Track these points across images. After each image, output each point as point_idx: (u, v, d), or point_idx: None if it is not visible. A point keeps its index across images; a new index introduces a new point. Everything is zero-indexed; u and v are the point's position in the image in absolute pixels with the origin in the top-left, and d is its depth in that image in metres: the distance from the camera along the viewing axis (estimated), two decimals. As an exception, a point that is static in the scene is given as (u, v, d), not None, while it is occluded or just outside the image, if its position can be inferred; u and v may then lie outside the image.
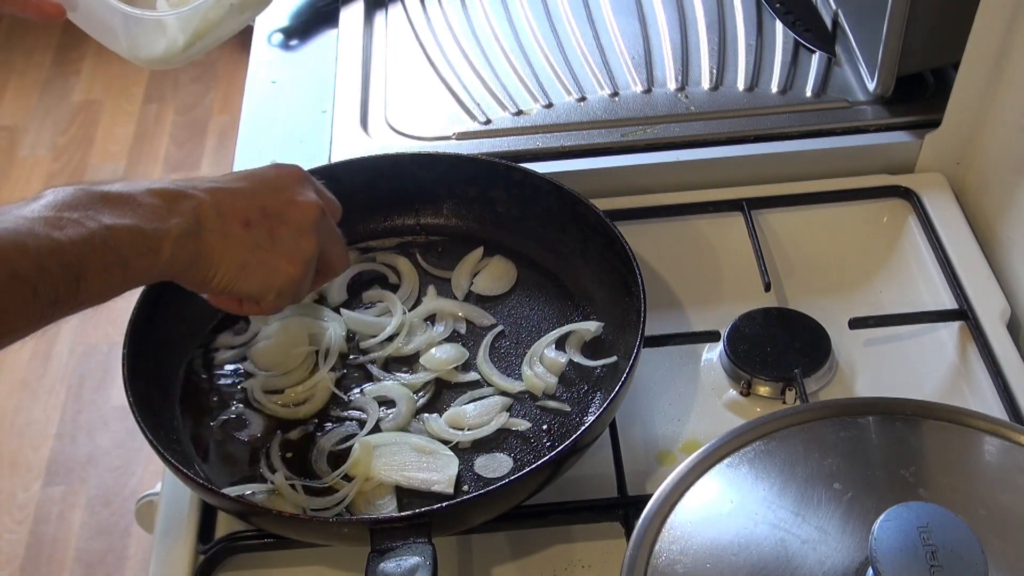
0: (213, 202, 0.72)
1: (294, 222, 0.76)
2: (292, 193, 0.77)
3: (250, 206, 0.74)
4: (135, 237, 0.67)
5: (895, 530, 0.57)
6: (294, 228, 0.76)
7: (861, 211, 1.03)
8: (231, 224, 0.73)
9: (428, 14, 1.24)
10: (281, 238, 0.75)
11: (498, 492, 0.75)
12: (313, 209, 0.77)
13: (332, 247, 0.81)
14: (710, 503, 0.66)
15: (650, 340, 0.87)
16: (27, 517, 1.99)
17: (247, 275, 0.74)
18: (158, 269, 0.69)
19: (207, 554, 0.81)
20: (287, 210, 0.76)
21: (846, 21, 1.12)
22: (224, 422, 0.87)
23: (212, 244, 0.72)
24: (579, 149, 1.06)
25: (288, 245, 0.75)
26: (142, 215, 0.68)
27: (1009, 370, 0.88)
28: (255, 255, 0.74)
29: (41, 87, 2.91)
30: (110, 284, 0.67)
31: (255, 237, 0.74)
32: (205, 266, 0.72)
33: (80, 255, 0.64)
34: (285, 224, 0.75)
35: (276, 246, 0.75)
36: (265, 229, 0.74)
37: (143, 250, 0.68)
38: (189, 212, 0.71)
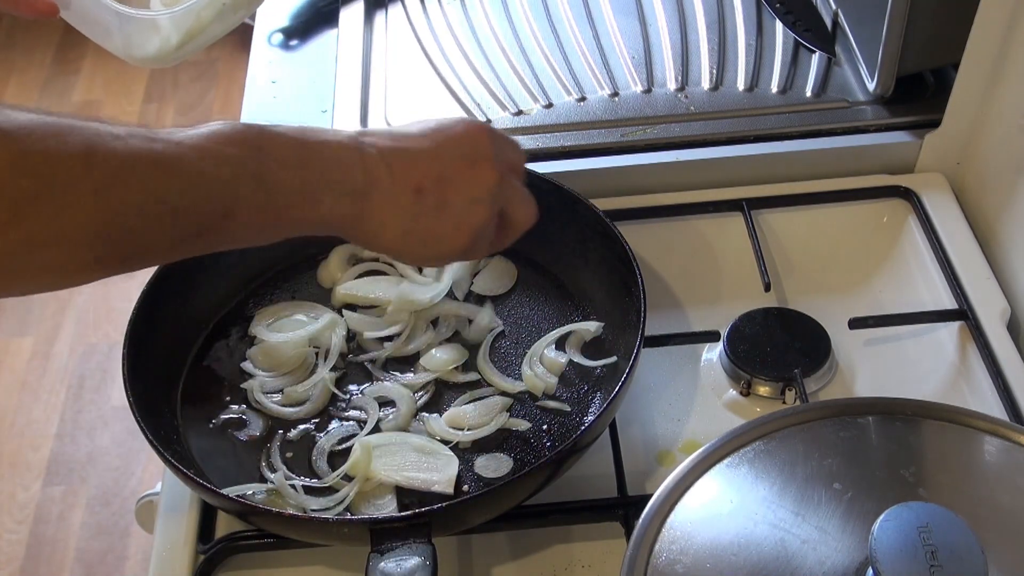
0: (387, 164, 0.69)
1: (469, 191, 0.72)
2: (474, 157, 0.72)
3: (427, 171, 0.71)
4: (293, 184, 0.65)
5: (895, 530, 0.57)
6: (467, 197, 0.72)
7: (861, 211, 1.03)
8: (402, 189, 0.69)
9: (428, 14, 1.24)
10: (452, 205, 0.71)
11: (498, 492, 0.75)
12: (491, 176, 0.72)
13: (514, 207, 0.76)
14: (710, 503, 0.66)
15: (650, 340, 0.87)
16: (27, 517, 1.99)
17: (410, 242, 0.71)
18: (313, 220, 0.67)
19: (207, 554, 0.81)
20: (463, 177, 0.72)
21: (846, 21, 1.12)
22: (224, 422, 0.88)
23: (378, 207, 0.69)
24: (579, 149, 1.06)
25: (458, 212, 0.72)
26: (307, 164, 0.66)
27: (1009, 370, 0.88)
28: (421, 223, 0.71)
29: (41, 87, 2.91)
30: (262, 227, 0.65)
31: (425, 204, 0.70)
32: (366, 227, 0.70)
33: (230, 192, 0.62)
34: (459, 192, 0.71)
35: (445, 214, 0.71)
36: (436, 196, 0.71)
37: (298, 199, 0.66)
38: (360, 172, 0.68)
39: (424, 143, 0.72)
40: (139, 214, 0.60)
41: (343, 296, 0.95)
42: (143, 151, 0.60)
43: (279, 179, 0.65)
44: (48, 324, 2.31)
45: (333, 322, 0.93)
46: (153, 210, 0.60)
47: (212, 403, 0.89)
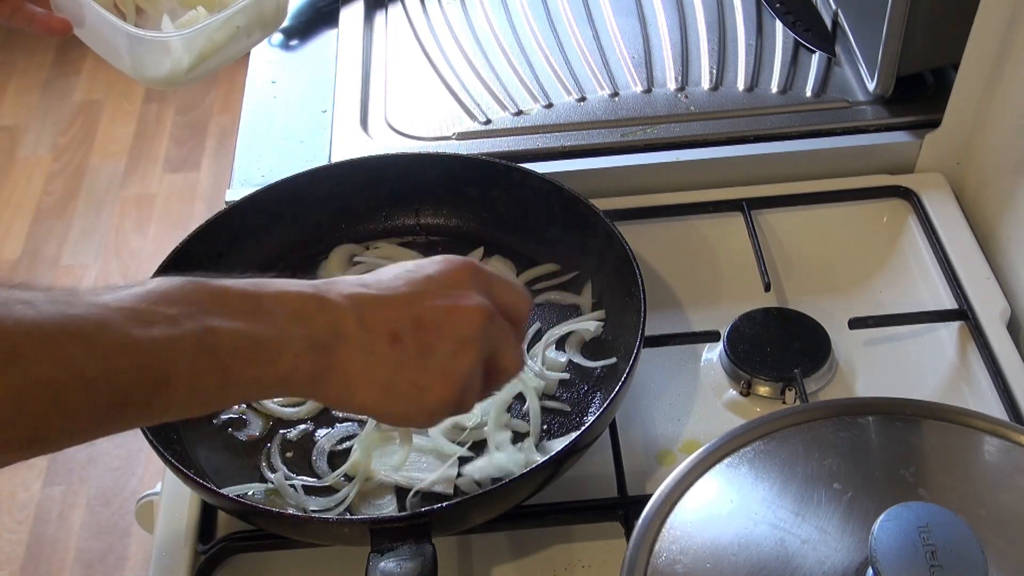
0: (356, 313, 0.61)
1: (452, 335, 0.63)
2: (456, 297, 0.64)
3: (402, 316, 0.63)
4: (242, 343, 0.57)
5: (895, 530, 0.57)
6: (451, 341, 0.63)
7: (861, 211, 1.03)
8: (376, 339, 0.61)
9: (428, 14, 1.24)
10: (434, 354, 0.63)
11: (498, 492, 0.75)
12: (477, 316, 0.64)
13: (502, 353, 0.67)
14: (710, 503, 0.66)
15: (650, 340, 0.87)
16: (27, 517, 1.99)
17: (391, 398, 0.63)
18: (270, 382, 0.59)
19: (207, 554, 0.81)
20: (446, 320, 0.63)
21: (846, 21, 1.12)
22: (224, 422, 0.87)
23: (349, 361, 0.61)
24: (579, 149, 1.06)
25: (442, 362, 0.63)
26: (260, 319, 0.58)
27: (1009, 370, 0.88)
28: (400, 375, 0.62)
29: (42, 87, 2.91)
30: (207, 393, 0.57)
31: (403, 354, 0.62)
32: (336, 384, 0.61)
33: (163, 357, 0.54)
34: (441, 338, 0.63)
35: (427, 364, 0.63)
36: (416, 344, 0.63)
37: (251, 359, 0.57)
38: (325, 323, 0.60)
39: (398, 285, 0.64)
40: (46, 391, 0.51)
41: None
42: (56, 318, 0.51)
43: (226, 338, 0.56)
44: (48, 324, 2.31)
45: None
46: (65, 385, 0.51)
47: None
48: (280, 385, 0.60)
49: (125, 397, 0.54)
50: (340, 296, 0.62)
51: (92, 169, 2.68)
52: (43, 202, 2.61)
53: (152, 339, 0.54)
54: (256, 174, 1.07)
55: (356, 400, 0.63)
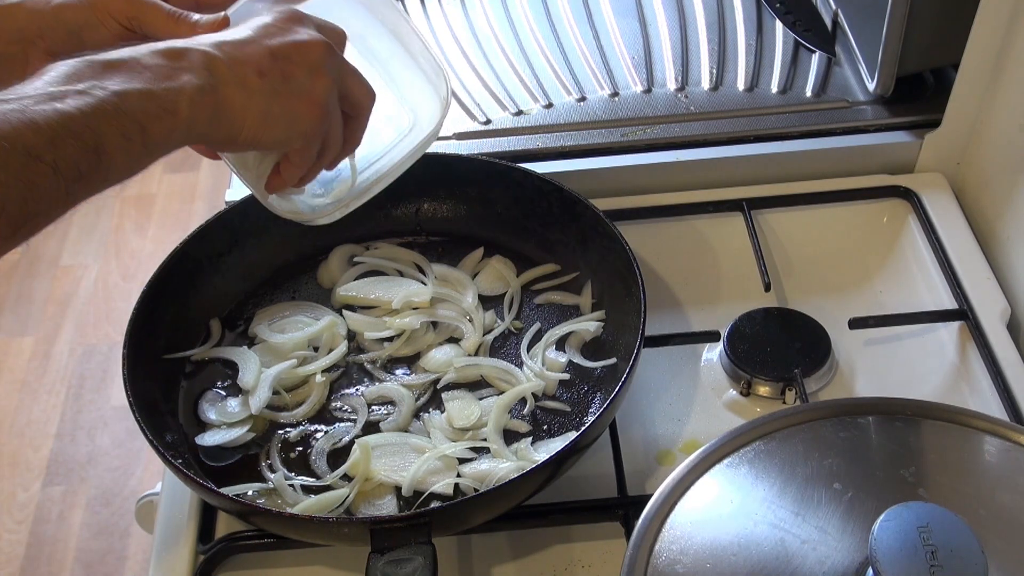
0: (222, 54, 0.69)
1: (304, 63, 0.73)
2: (295, 34, 0.74)
3: (259, 52, 0.71)
4: (147, 100, 0.64)
5: (895, 530, 0.57)
6: (305, 69, 0.73)
7: (861, 211, 1.03)
8: (246, 74, 0.70)
9: (428, 14, 1.24)
10: (295, 79, 0.72)
11: (498, 492, 0.75)
12: (319, 46, 0.74)
13: (350, 82, 0.77)
14: (710, 503, 0.66)
15: (650, 340, 0.87)
16: (27, 517, 1.99)
17: (271, 124, 0.71)
18: (179, 131, 0.67)
19: (207, 554, 0.81)
20: (295, 51, 0.73)
21: (846, 21, 1.12)
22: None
23: (231, 97, 0.69)
24: (579, 149, 1.06)
25: (303, 86, 0.72)
26: (150, 77, 0.65)
27: (1009, 370, 0.88)
28: (276, 102, 0.71)
29: (41, 87, 2.91)
30: (132, 154, 0.64)
31: (271, 84, 0.71)
32: (228, 121, 0.69)
33: (93, 125, 0.61)
34: (296, 65, 0.72)
35: (292, 90, 0.72)
36: (278, 74, 0.71)
37: (159, 112, 0.65)
38: (200, 67, 0.68)
39: (246, 33, 0.72)
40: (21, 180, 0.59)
41: (343, 297, 0.95)
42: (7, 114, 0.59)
43: (134, 99, 0.64)
44: (48, 324, 2.31)
45: (333, 323, 0.93)
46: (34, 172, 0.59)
47: (212, 403, 0.89)
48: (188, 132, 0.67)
49: (78, 172, 0.61)
50: (203, 44, 0.69)
51: (92, 169, 2.68)
52: (43, 202, 2.60)
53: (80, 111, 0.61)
54: (256, 174, 1.07)
55: (243, 134, 0.71)
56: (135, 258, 2.47)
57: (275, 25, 0.74)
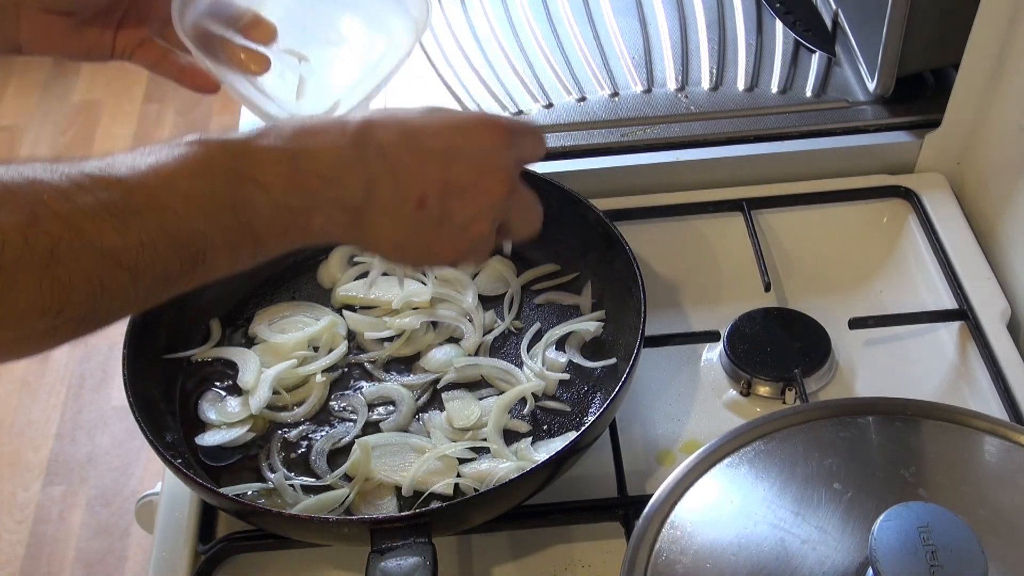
0: (391, 169, 0.61)
1: (473, 205, 0.64)
2: (486, 164, 0.64)
3: (434, 179, 0.62)
4: (279, 212, 0.58)
5: (895, 530, 0.57)
6: (471, 211, 0.64)
7: (861, 211, 1.03)
8: (404, 200, 0.62)
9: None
10: (454, 219, 0.64)
11: (498, 492, 0.75)
12: (501, 188, 0.64)
13: (518, 218, 0.69)
14: (710, 503, 0.66)
15: (650, 340, 0.87)
16: (27, 517, 1.99)
17: (401, 254, 0.65)
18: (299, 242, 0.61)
19: (207, 554, 0.81)
20: (471, 189, 0.64)
21: (846, 21, 1.12)
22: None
23: (375, 222, 0.62)
24: (579, 149, 1.06)
25: (457, 228, 0.64)
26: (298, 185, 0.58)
27: (1009, 370, 0.88)
28: (418, 235, 0.64)
29: (41, 87, 2.91)
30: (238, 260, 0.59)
31: (425, 217, 0.63)
32: (358, 238, 0.63)
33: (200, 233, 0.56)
34: (464, 206, 0.64)
35: (444, 227, 0.64)
36: (440, 208, 0.63)
37: (284, 228, 0.59)
38: (360, 183, 0.60)
39: (437, 143, 0.63)
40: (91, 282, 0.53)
41: (343, 297, 0.95)
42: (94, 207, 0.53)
43: (261, 208, 0.57)
44: (48, 324, 2.31)
45: (333, 323, 0.93)
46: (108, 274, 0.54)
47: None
48: (311, 242, 0.62)
49: (166, 275, 0.56)
50: (378, 151, 0.61)
51: (92, 169, 2.68)
52: (43, 202, 2.60)
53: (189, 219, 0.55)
54: (256, 174, 1.07)
55: (368, 249, 0.65)
56: (135, 258, 2.47)
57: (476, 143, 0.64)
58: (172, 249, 0.55)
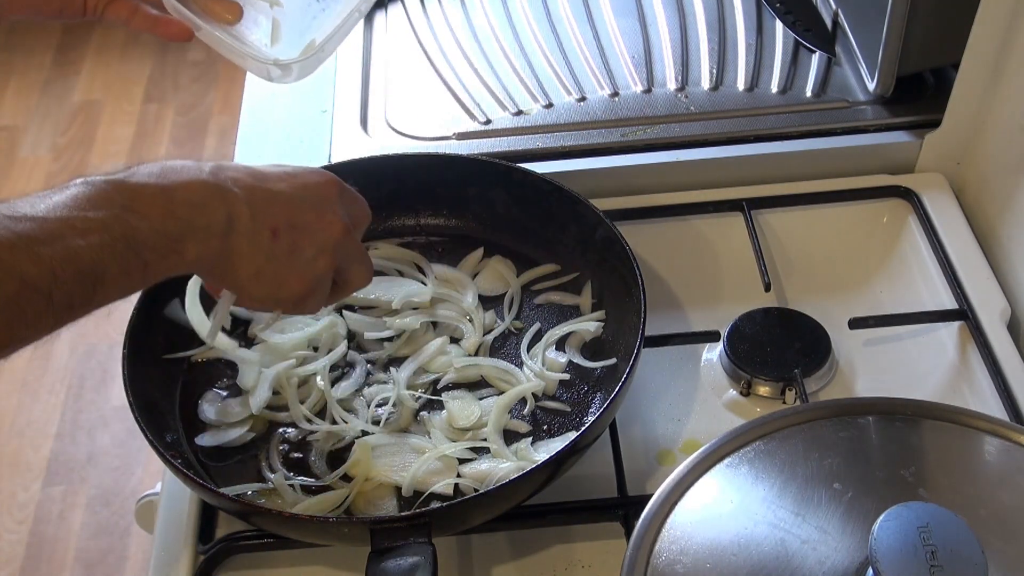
0: (250, 203, 0.70)
1: (316, 240, 0.73)
2: (323, 208, 0.74)
3: (283, 214, 0.72)
4: (161, 239, 0.65)
5: (895, 530, 0.57)
6: (315, 246, 0.73)
7: (861, 211, 1.03)
8: (261, 230, 0.70)
9: (428, 14, 1.24)
10: (299, 252, 0.73)
11: (498, 492, 0.75)
12: (337, 229, 0.74)
13: (353, 266, 0.78)
14: (710, 503, 0.66)
15: (650, 340, 0.87)
16: (27, 517, 1.99)
17: (257, 283, 0.72)
18: (179, 268, 0.67)
19: (207, 554, 0.81)
20: (313, 226, 0.73)
21: (846, 21, 1.12)
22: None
23: (237, 247, 0.69)
24: (579, 149, 1.06)
25: (303, 261, 0.73)
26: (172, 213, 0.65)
27: (1009, 370, 0.88)
28: (270, 265, 0.71)
29: (41, 87, 2.91)
30: (128, 286, 0.65)
31: (278, 247, 0.71)
32: (224, 267, 0.70)
33: (99, 261, 0.61)
34: (308, 240, 0.73)
35: (292, 260, 0.72)
36: (289, 240, 0.72)
37: (167, 252, 0.65)
38: (223, 212, 0.68)
39: (281, 186, 0.73)
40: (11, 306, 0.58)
41: None
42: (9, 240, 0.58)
43: (146, 236, 0.64)
44: (48, 324, 2.31)
45: (333, 323, 0.93)
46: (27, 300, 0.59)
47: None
48: (188, 269, 0.69)
49: (71, 300, 0.61)
50: (236, 186, 0.69)
51: (92, 169, 2.66)
52: (43, 202, 2.60)
53: (90, 246, 0.61)
54: (256, 174, 1.07)
55: (231, 279, 0.72)
56: (135, 258, 2.46)
57: (314, 190, 0.74)
58: (77, 277, 0.60)
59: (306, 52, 0.85)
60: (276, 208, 0.71)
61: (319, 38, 0.85)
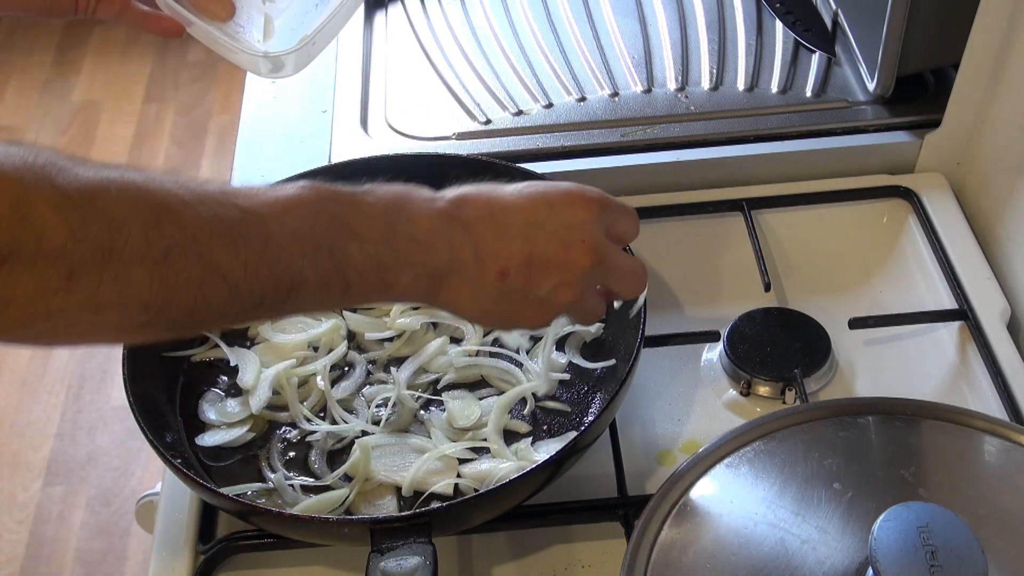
0: (474, 243, 0.65)
1: (557, 277, 0.67)
2: (572, 238, 0.67)
3: (516, 252, 0.66)
4: (371, 265, 0.62)
5: (895, 530, 0.57)
6: (555, 281, 0.67)
7: (861, 211, 1.03)
8: (486, 272, 0.65)
9: (428, 14, 1.24)
10: (536, 289, 0.67)
11: (498, 492, 0.75)
12: (586, 262, 0.68)
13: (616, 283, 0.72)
14: (710, 503, 0.66)
15: (650, 340, 0.87)
16: (27, 517, 1.99)
17: (487, 320, 0.69)
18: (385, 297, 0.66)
19: (207, 554, 0.81)
20: (555, 263, 0.67)
21: (846, 21, 1.12)
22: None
23: (457, 288, 0.65)
24: (579, 149, 1.06)
25: (542, 297, 0.67)
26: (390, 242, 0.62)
27: (1009, 370, 0.88)
28: (500, 305, 0.67)
29: (41, 87, 2.91)
30: (327, 301, 0.63)
31: (507, 288, 0.66)
32: (441, 302, 0.66)
33: (297, 268, 0.60)
34: (547, 277, 0.67)
35: (527, 296, 0.67)
36: (522, 280, 0.66)
37: (373, 280, 0.63)
38: (445, 255, 0.64)
39: (520, 219, 0.66)
40: (195, 288, 0.57)
41: None
42: (211, 222, 0.57)
43: (356, 259, 0.62)
44: (48, 324, 2.31)
45: (335, 325, 0.93)
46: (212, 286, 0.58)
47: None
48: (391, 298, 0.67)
49: (261, 299, 0.60)
50: (464, 226, 0.65)
51: (92, 169, 2.68)
52: (43, 202, 2.60)
53: (291, 251, 0.59)
54: (256, 174, 1.07)
55: (457, 313, 0.68)
56: (135, 258, 2.46)
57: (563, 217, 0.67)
58: (270, 277, 0.59)
59: (296, 46, 0.86)
60: (510, 246, 0.66)
61: (309, 31, 0.85)
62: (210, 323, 0.61)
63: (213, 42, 0.83)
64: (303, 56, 0.86)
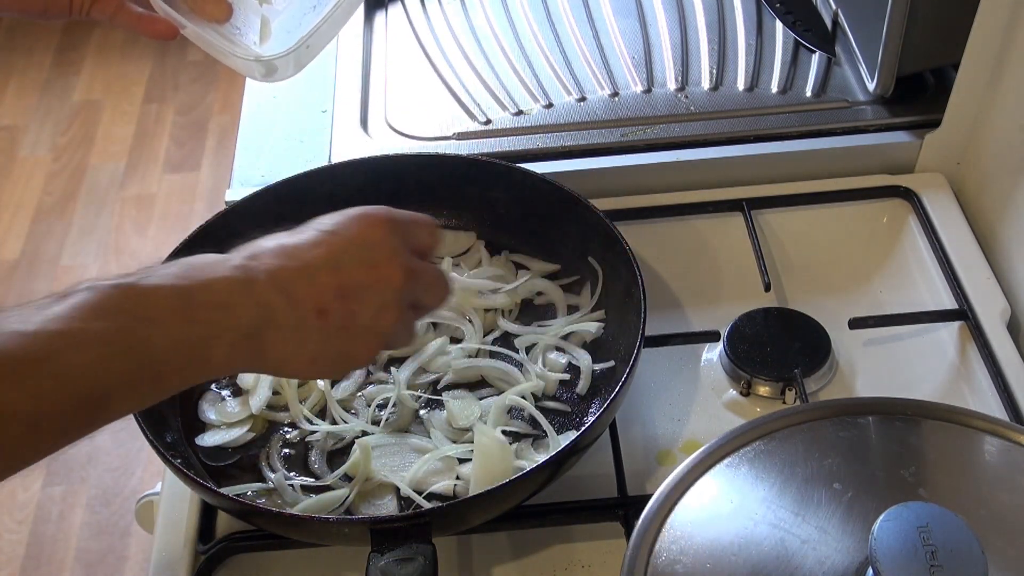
0: (283, 292, 0.62)
1: (374, 301, 0.65)
2: (374, 257, 0.65)
3: (326, 288, 0.63)
4: (178, 348, 0.58)
5: (895, 530, 0.57)
6: (374, 306, 0.65)
7: (861, 211, 1.03)
8: (304, 315, 0.62)
9: (428, 14, 1.24)
10: (359, 318, 0.64)
11: (498, 492, 0.75)
12: (396, 278, 0.66)
13: (426, 295, 0.70)
14: (710, 503, 0.66)
15: (650, 340, 0.87)
16: (27, 517, 1.99)
17: (319, 367, 0.65)
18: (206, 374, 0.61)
19: (207, 554, 0.81)
20: (367, 285, 0.65)
21: (846, 21, 1.12)
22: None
23: (280, 343, 0.62)
24: (579, 149, 1.06)
25: (366, 327, 0.65)
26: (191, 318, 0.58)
27: (1009, 370, 0.88)
28: (328, 345, 0.64)
29: (41, 87, 2.91)
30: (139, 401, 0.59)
31: (329, 325, 0.63)
32: (269, 364, 0.64)
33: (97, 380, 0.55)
34: (364, 303, 0.64)
35: (352, 331, 0.65)
36: (342, 314, 0.64)
37: (184, 362, 0.59)
38: (252, 310, 0.60)
39: (319, 253, 0.64)
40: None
41: None
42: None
43: (159, 346, 0.57)
44: (48, 324, 2.31)
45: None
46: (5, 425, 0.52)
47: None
48: (214, 374, 0.62)
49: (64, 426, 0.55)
50: (266, 275, 0.62)
51: (92, 169, 2.68)
52: (43, 202, 2.61)
53: (86, 365, 0.54)
54: (256, 174, 1.07)
55: (286, 373, 0.66)
56: (135, 258, 2.47)
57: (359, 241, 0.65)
58: (70, 400, 0.54)
59: (289, 49, 0.85)
60: (318, 283, 0.63)
61: (304, 34, 0.85)
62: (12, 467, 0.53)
63: (207, 45, 0.83)
64: (298, 59, 0.86)
